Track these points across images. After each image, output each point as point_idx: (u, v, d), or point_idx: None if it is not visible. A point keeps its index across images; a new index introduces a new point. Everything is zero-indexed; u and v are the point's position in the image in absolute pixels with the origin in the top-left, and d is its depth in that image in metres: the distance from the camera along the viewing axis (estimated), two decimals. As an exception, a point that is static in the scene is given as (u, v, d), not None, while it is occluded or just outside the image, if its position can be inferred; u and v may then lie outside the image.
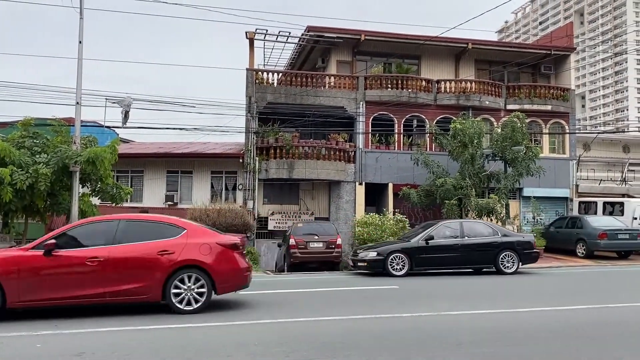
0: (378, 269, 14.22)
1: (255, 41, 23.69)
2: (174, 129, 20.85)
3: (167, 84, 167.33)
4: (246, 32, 23.42)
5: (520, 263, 14.73)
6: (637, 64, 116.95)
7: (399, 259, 14.22)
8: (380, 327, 7.34)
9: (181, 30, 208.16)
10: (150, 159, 23.45)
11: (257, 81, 22.73)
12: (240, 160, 22.03)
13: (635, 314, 8.47)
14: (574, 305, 9.13)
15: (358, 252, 15.24)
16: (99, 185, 16.16)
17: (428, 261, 14.45)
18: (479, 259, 14.74)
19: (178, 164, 23.25)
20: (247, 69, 22.92)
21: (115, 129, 22.82)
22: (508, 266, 14.50)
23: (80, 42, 15.75)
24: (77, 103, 15.68)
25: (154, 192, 23.16)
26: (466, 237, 14.77)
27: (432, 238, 14.59)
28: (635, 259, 19.38)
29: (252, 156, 21.78)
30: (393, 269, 14.10)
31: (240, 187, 22.45)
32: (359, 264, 14.75)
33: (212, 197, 22.57)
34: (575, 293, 11.21)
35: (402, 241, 15.28)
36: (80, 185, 15.79)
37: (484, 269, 14.92)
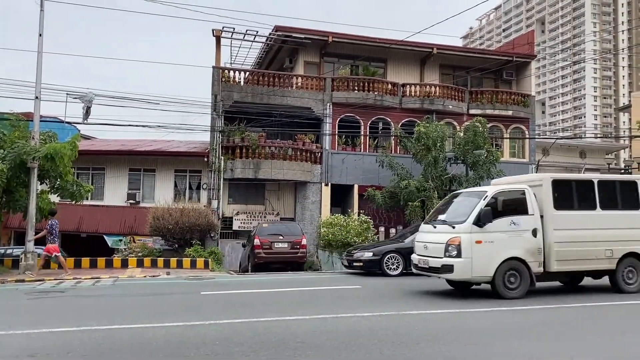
0: (374, 268, 14.39)
1: (222, 39, 23.52)
2: (137, 126, 20.41)
3: (132, 81, 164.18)
4: (213, 30, 23.22)
5: None
6: (594, 73, 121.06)
7: (394, 259, 14.42)
8: (345, 326, 7.40)
9: (148, 26, 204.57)
10: (112, 156, 22.99)
11: (223, 80, 22.56)
12: (205, 160, 21.82)
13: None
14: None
15: (353, 252, 15.33)
16: (58, 182, 15.76)
17: None
18: None
19: (141, 162, 22.85)
20: (213, 67, 22.72)
21: (77, 125, 22.29)
22: None
23: (40, 35, 15.34)
24: (37, 97, 15.27)
25: (115, 190, 22.71)
26: None
27: None
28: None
29: (217, 155, 21.59)
30: (388, 269, 14.30)
31: (204, 186, 22.22)
32: (355, 263, 14.81)
33: (175, 196, 22.28)
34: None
35: (395, 242, 15.49)
36: (39, 182, 15.37)
37: None
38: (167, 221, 18.38)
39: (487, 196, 9.83)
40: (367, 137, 24.28)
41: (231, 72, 23.30)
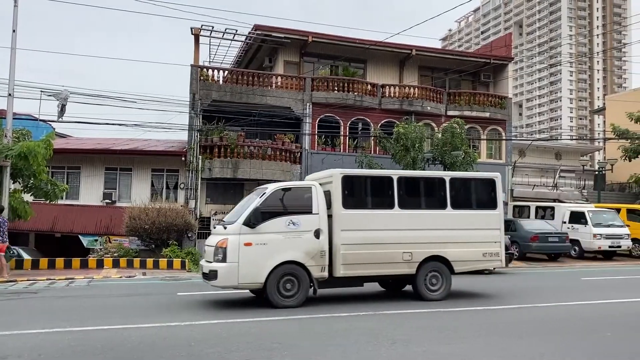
0: None
1: (200, 38, 23.32)
2: (113, 124, 20.12)
3: (110, 79, 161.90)
4: (191, 28, 23.02)
5: None
6: (570, 76, 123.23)
7: None
8: (323, 326, 7.41)
9: (126, 23, 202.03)
10: (88, 155, 22.64)
11: (202, 78, 22.38)
12: (183, 159, 21.62)
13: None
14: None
15: None
16: (31, 182, 15.47)
17: None
18: None
19: (117, 161, 22.55)
20: (191, 66, 22.52)
21: (51, 123, 21.88)
22: None
23: (14, 31, 15.04)
24: (10, 94, 14.97)
25: (91, 189, 22.37)
26: None
27: None
28: (563, 261, 20.41)
29: (195, 154, 21.41)
30: None
31: (182, 186, 22.03)
32: None
33: (152, 195, 22.02)
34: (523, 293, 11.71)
35: None
36: (12, 181, 15.05)
37: None
38: (144, 221, 18.15)
39: (264, 194, 9.01)
40: (347, 138, 24.33)
41: (210, 71, 23.13)
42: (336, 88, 23.92)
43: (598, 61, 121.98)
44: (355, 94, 24.04)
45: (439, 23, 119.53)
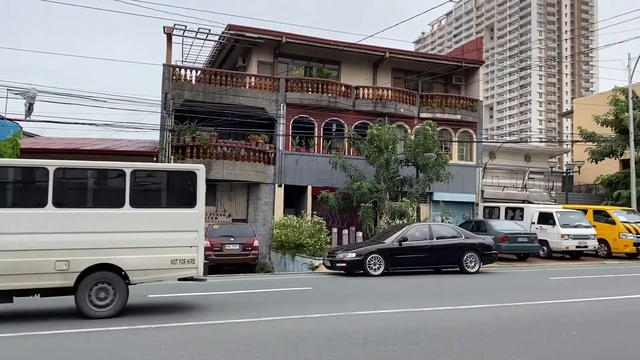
0: (357, 269, 14.53)
1: (173, 37, 23.08)
2: (82, 124, 19.77)
3: (80, 77, 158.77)
4: (164, 27, 22.77)
5: (482, 263, 15.67)
6: (540, 79, 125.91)
7: (376, 260, 14.61)
8: (294, 327, 7.41)
9: (97, 21, 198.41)
10: (57, 155, 22.06)
11: (174, 78, 22.14)
12: (155, 159, 21.32)
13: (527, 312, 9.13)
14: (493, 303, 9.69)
15: (336, 253, 15.38)
16: (-3, 182, 15.04)
17: (402, 261, 15.05)
18: (446, 260, 15.59)
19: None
20: (163, 65, 22.27)
21: (18, 122, 21.34)
22: (471, 266, 15.41)
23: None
24: (-26, 92, 14.54)
25: (60, 190, 21.88)
26: (435, 239, 15.53)
27: (405, 240, 15.15)
28: (532, 261, 20.81)
29: (167, 155, 21.15)
30: (371, 269, 14.46)
31: (154, 186, 21.72)
32: (338, 264, 14.84)
33: (124, 196, 21.66)
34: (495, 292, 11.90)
35: (376, 242, 15.64)
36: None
37: (445, 269, 15.79)
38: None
39: None
40: (321, 139, 24.38)
41: (182, 71, 22.90)
42: (310, 89, 23.95)
43: (566, 65, 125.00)
44: (330, 95, 24.11)
45: (412, 26, 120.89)
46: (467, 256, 15.50)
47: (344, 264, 14.74)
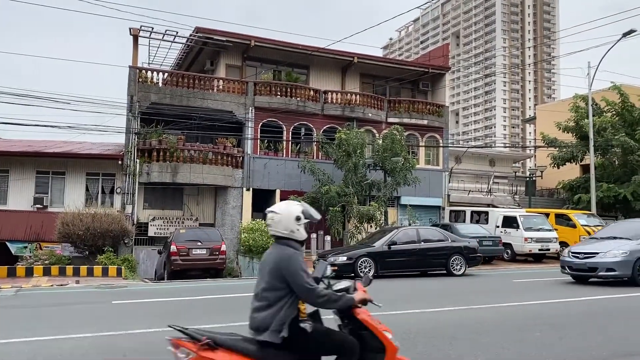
0: (348, 272, 14.55)
1: (140, 39, 22.72)
2: (44, 126, 19.24)
3: (43, 78, 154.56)
4: (130, 29, 22.39)
5: (467, 266, 15.99)
6: (504, 86, 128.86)
7: (366, 263, 14.77)
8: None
9: (61, 22, 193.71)
10: (17, 157, 21.48)
11: (140, 80, 21.79)
12: (120, 162, 20.93)
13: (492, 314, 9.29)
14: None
15: (326, 256, 15.41)
16: (-48, 185, 14.51)
17: (391, 264, 15.25)
18: (433, 263, 15.89)
19: (49, 164, 21.54)
20: (129, 67, 21.89)
21: (-24, 124, 20.65)
22: (457, 269, 15.75)
23: None
24: None
25: (20, 193, 21.24)
26: (422, 243, 15.83)
27: (394, 243, 15.36)
28: (496, 264, 21.22)
29: (132, 158, 20.78)
30: (361, 272, 14.58)
31: (118, 190, 21.31)
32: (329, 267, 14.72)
33: (87, 200, 21.19)
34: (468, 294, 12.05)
35: (365, 246, 15.75)
36: None
37: (432, 272, 16.06)
38: (77, 227, 17.44)
39: None
40: (290, 143, 24.35)
41: (149, 73, 22.55)
42: (279, 93, 23.91)
43: (529, 72, 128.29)
44: (298, 99, 24.12)
45: (380, 32, 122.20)
46: (454, 259, 15.86)
47: (336, 267, 14.73)
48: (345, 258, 14.82)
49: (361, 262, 14.75)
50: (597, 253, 12.66)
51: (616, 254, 12.39)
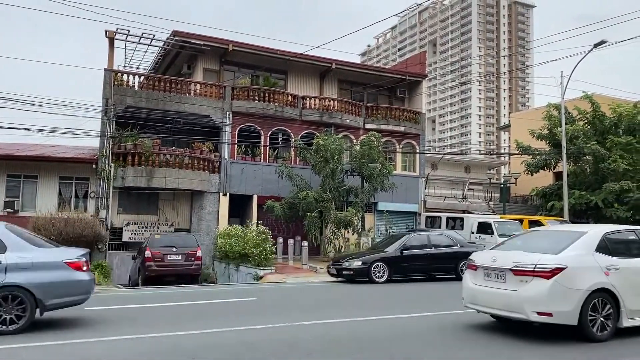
0: (363, 276, 15.01)
1: (116, 41, 22.44)
2: (16, 128, 18.86)
3: (17, 81, 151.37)
4: (106, 31, 22.10)
5: None
6: (479, 94, 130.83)
7: (380, 267, 15.15)
8: (237, 339, 7.29)
9: (36, 24, 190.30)
10: (-13, 160, 20.96)
11: (116, 83, 21.50)
12: (94, 166, 20.59)
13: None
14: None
15: (341, 261, 15.76)
16: None
17: (404, 269, 15.64)
18: (443, 267, 16.33)
19: (21, 168, 21.06)
20: (105, 70, 21.59)
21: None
22: None
23: None
24: None
25: (-10, 197, 20.70)
26: (433, 248, 16.23)
27: (406, 248, 15.77)
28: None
29: (107, 162, 20.47)
30: (375, 276, 14.99)
31: (92, 195, 20.95)
32: (344, 272, 15.32)
33: (59, 205, 20.75)
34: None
35: (378, 251, 16.04)
36: None
37: (440, 276, 16.37)
38: (50, 232, 17.05)
39: None
40: (267, 148, 24.28)
41: (125, 76, 22.27)
42: (257, 98, 23.85)
43: (504, 81, 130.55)
44: (276, 104, 24.08)
45: (358, 39, 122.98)
46: (463, 264, 16.10)
47: (351, 272, 15.26)
48: (360, 263, 15.19)
49: (375, 266, 15.13)
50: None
51: None
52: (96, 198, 20.60)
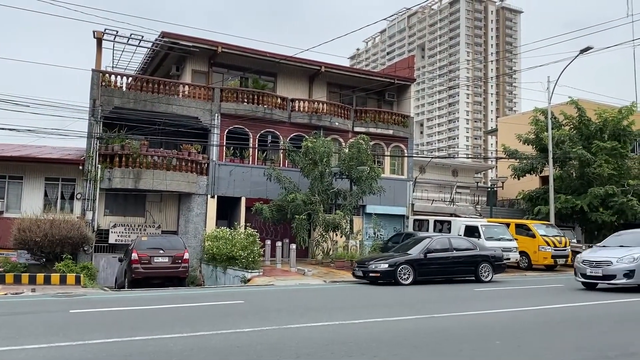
0: (389, 278, 15.56)
1: (104, 42, 22.29)
2: (2, 129, 18.63)
3: (3, 81, 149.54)
4: (94, 32, 21.95)
5: (494, 273, 17.15)
6: (467, 98, 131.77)
7: (406, 270, 15.69)
8: (224, 342, 7.25)
9: (23, 24, 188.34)
10: (-29, 161, 20.69)
11: (103, 84, 21.35)
12: (81, 168, 20.41)
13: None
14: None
15: (367, 263, 16.20)
16: None
17: (427, 271, 16.25)
18: (464, 270, 17.02)
19: (5, 168, 20.82)
20: (92, 70, 21.43)
21: None
22: (485, 275, 16.96)
23: None
24: None
25: (-26, 198, 20.44)
26: (454, 251, 16.88)
27: (430, 251, 16.37)
28: (459, 272, 21.53)
29: (93, 163, 20.30)
30: (401, 279, 15.55)
31: (78, 196, 20.77)
32: (371, 274, 15.77)
33: (45, 206, 20.54)
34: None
35: (403, 254, 16.44)
36: None
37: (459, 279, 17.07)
38: (35, 233, 16.87)
39: None
40: (256, 150, 24.23)
41: (113, 77, 22.14)
42: (246, 100, 23.80)
43: (492, 86, 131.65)
44: (265, 106, 24.06)
45: (348, 42, 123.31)
46: (482, 267, 16.96)
47: (378, 274, 15.62)
48: (387, 265, 15.66)
49: (401, 268, 15.63)
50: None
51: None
52: (82, 199, 20.41)
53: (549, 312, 10.58)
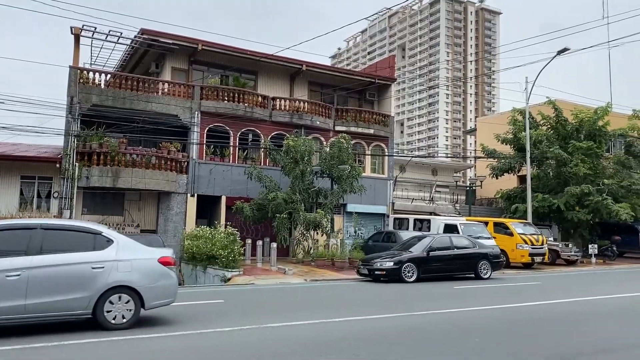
0: (394, 276, 15.76)
1: (81, 38, 21.94)
2: (-24, 126, 18.23)
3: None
4: (72, 28, 21.59)
5: (492, 270, 17.64)
6: (447, 98, 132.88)
7: (410, 268, 15.99)
8: (203, 342, 7.22)
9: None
10: (-57, 158, 20.21)
11: (81, 81, 21.02)
12: (58, 166, 20.08)
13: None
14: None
15: (372, 262, 16.43)
16: None
17: (430, 269, 16.54)
18: (465, 267, 17.47)
19: (-20, 166, 20.39)
20: (70, 67, 21.09)
21: None
22: (484, 272, 17.39)
23: None
24: None
25: (-54, 197, 19.98)
26: (455, 249, 17.21)
27: (432, 250, 16.68)
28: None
29: (71, 161, 19.97)
30: (406, 277, 15.80)
31: (55, 195, 20.43)
32: (377, 272, 16.01)
33: (21, 205, 20.18)
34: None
35: (405, 252, 16.70)
36: None
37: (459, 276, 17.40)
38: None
39: None
40: (237, 148, 24.10)
41: (91, 74, 21.79)
42: (226, 98, 23.67)
43: (471, 86, 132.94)
44: (246, 105, 23.95)
45: (329, 41, 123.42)
46: (482, 264, 17.40)
47: (384, 272, 15.92)
48: (392, 263, 15.95)
49: (406, 267, 15.91)
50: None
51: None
52: (60, 198, 20.08)
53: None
